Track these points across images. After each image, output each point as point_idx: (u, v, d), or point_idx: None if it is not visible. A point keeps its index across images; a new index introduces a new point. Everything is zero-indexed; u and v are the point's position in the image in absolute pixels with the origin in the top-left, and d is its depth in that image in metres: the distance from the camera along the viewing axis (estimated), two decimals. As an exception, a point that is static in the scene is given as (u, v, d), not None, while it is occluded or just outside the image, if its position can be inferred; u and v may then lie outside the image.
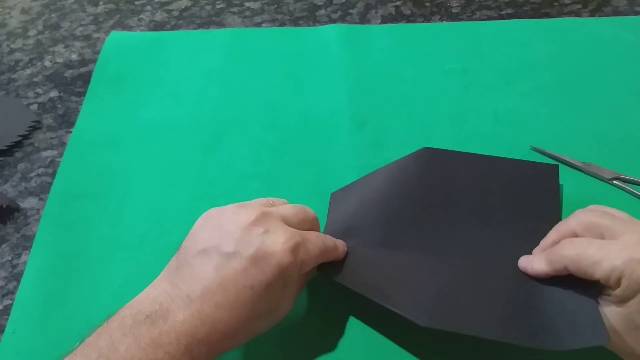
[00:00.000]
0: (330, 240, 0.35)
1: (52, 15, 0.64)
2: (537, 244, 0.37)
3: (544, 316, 0.32)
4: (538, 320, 0.32)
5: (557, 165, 0.42)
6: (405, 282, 0.35)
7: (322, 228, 0.41)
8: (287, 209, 0.34)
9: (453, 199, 0.40)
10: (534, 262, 0.34)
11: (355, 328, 0.37)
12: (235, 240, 0.30)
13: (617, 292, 0.29)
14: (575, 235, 0.33)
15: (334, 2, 0.63)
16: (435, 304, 0.33)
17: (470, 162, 0.42)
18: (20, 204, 0.46)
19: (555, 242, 0.33)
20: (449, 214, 0.40)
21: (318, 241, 0.33)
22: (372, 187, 0.42)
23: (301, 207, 0.36)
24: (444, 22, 0.59)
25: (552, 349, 0.30)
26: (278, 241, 0.30)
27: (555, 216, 0.39)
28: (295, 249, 0.31)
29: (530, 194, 0.41)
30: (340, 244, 0.36)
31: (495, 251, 0.37)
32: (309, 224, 0.35)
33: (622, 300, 0.29)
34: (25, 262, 0.42)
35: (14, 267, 0.42)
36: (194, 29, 0.61)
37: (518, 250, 0.36)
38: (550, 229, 0.36)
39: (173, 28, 0.61)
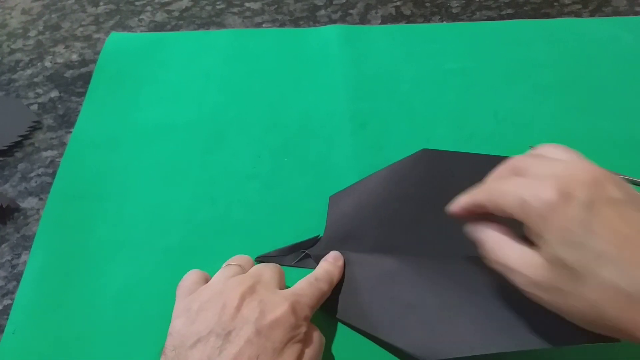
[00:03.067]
0: (322, 278, 0.35)
1: (53, 15, 0.64)
2: None
3: (544, 316, 0.32)
4: (541, 321, 0.32)
5: None
6: (406, 310, 0.34)
7: (322, 231, 0.41)
8: (263, 272, 0.34)
9: (451, 199, 0.40)
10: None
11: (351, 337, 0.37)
12: (233, 318, 0.29)
13: (528, 224, 0.27)
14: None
15: (334, 2, 0.63)
16: (440, 333, 0.33)
17: (470, 162, 0.42)
18: (20, 204, 0.46)
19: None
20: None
21: (312, 290, 0.33)
22: (371, 190, 0.42)
23: (271, 266, 0.35)
24: (444, 22, 0.59)
25: (556, 346, 0.30)
26: (276, 308, 0.30)
27: None
28: (294, 309, 0.31)
29: None
30: (336, 269, 0.37)
31: None
32: (283, 280, 0.35)
33: (537, 235, 0.26)
34: (25, 262, 0.42)
35: (13, 267, 0.42)
36: (195, 29, 0.61)
37: None
38: None
39: (173, 29, 0.61)
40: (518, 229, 0.29)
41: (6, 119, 0.52)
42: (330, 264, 0.37)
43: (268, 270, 0.34)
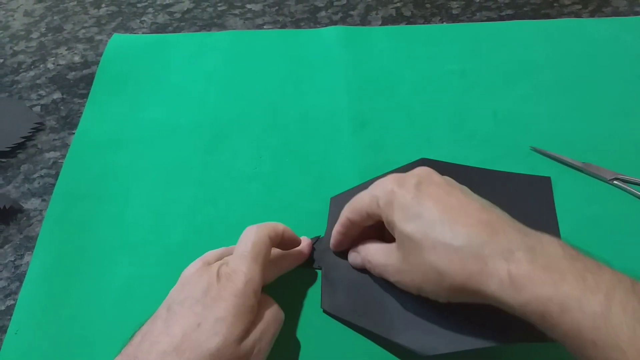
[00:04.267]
0: (256, 235, 0.35)
1: (55, 17, 0.64)
2: None
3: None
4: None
5: (549, 178, 0.42)
6: (401, 306, 0.35)
7: (322, 232, 0.41)
8: (216, 252, 0.36)
9: None
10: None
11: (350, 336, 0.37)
12: (184, 293, 0.32)
13: (381, 214, 0.32)
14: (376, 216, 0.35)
15: (334, 3, 0.63)
16: (435, 327, 0.33)
17: (466, 174, 0.42)
18: (23, 205, 0.46)
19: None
20: None
21: (244, 260, 0.33)
22: None
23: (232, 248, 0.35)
24: (444, 23, 0.59)
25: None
26: (219, 282, 0.31)
27: (552, 227, 0.40)
28: (233, 280, 0.31)
29: (526, 206, 0.41)
30: (280, 226, 0.37)
31: None
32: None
33: (390, 222, 0.32)
34: (27, 263, 0.42)
35: (16, 267, 0.42)
36: (196, 31, 0.61)
37: None
38: None
39: (175, 30, 0.62)
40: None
41: (9, 120, 0.52)
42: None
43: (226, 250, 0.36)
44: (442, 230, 0.29)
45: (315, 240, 0.40)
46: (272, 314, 0.33)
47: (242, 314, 0.30)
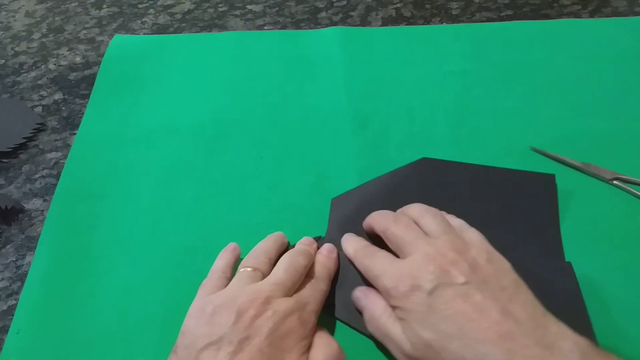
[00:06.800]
0: (321, 276, 0.36)
1: (56, 18, 0.65)
2: (534, 254, 0.37)
3: None
4: None
5: (554, 175, 0.42)
6: None
7: (323, 231, 0.41)
8: (284, 280, 0.34)
9: (451, 207, 0.40)
10: (346, 244, 0.38)
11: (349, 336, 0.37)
12: (247, 327, 0.30)
13: (392, 302, 0.32)
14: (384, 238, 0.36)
15: (334, 4, 0.63)
16: None
17: (468, 172, 0.43)
18: (25, 205, 0.46)
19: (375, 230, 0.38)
20: None
21: (315, 293, 0.34)
22: (372, 194, 0.42)
23: (292, 264, 0.35)
24: (444, 23, 0.60)
25: None
26: (287, 319, 0.31)
27: (553, 226, 0.40)
28: (302, 319, 0.32)
29: (528, 203, 0.41)
30: (332, 262, 0.38)
31: None
32: (301, 273, 0.35)
33: (401, 309, 0.31)
34: (29, 263, 0.42)
35: (18, 267, 0.42)
36: (197, 32, 0.61)
37: (514, 259, 0.36)
38: (548, 238, 0.36)
39: (176, 31, 0.62)
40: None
41: (11, 121, 0.53)
42: (325, 257, 0.38)
43: (289, 276, 0.34)
44: (460, 346, 0.28)
45: (317, 240, 0.41)
46: (331, 356, 0.32)
47: (304, 354, 0.31)
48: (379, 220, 0.37)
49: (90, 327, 0.38)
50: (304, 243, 0.39)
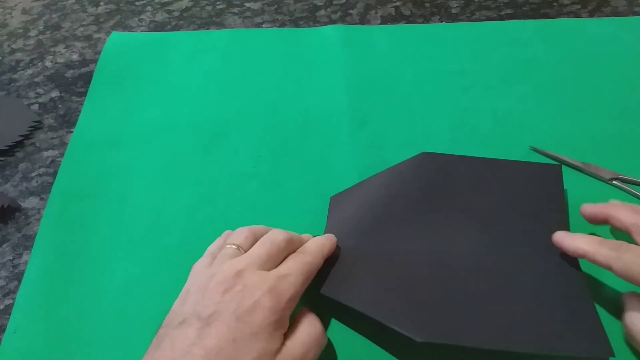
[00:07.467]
0: (310, 251, 0.35)
1: (53, 15, 0.64)
2: (542, 244, 0.36)
3: (543, 320, 0.32)
4: (537, 324, 0.32)
5: (560, 165, 0.42)
6: (401, 293, 0.34)
7: (322, 231, 0.41)
8: (259, 253, 0.33)
9: (453, 202, 0.39)
10: (578, 241, 0.35)
11: (347, 338, 0.36)
12: (216, 303, 0.30)
13: None
14: (626, 230, 0.35)
15: (334, 2, 0.63)
16: (432, 317, 0.32)
17: (471, 165, 0.42)
18: (21, 204, 0.46)
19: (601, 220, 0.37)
20: (449, 216, 0.39)
21: (298, 265, 0.33)
22: (371, 191, 0.42)
23: (269, 238, 0.35)
24: (444, 22, 0.59)
25: (552, 354, 0.30)
26: (256, 292, 0.30)
27: (561, 217, 0.39)
28: (275, 292, 0.31)
29: (534, 196, 0.40)
30: (327, 241, 0.36)
31: (497, 252, 0.37)
32: (285, 250, 0.35)
33: None
34: (26, 262, 0.42)
35: (14, 266, 0.42)
36: (195, 29, 0.61)
37: (520, 252, 0.36)
38: (555, 229, 0.36)
39: (174, 28, 0.61)
40: None
41: (7, 118, 0.52)
42: (322, 237, 0.37)
43: (264, 249, 0.34)
44: None
45: None
46: (314, 335, 0.32)
47: (278, 330, 0.30)
48: (626, 213, 0.36)
49: (87, 326, 0.38)
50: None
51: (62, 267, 0.41)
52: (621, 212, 0.36)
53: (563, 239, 0.36)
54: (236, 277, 0.31)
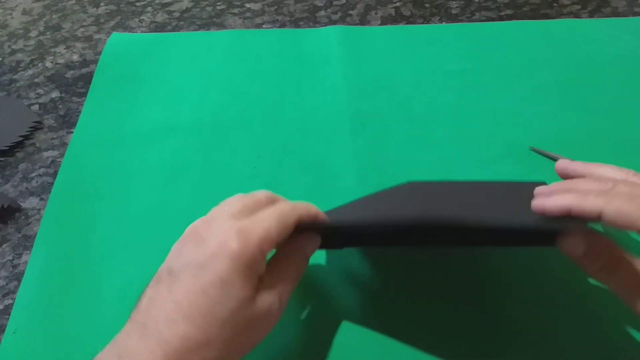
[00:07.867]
0: (292, 204, 0.33)
1: (54, 16, 0.64)
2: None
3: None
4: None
5: (545, 183, 0.41)
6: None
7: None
8: (233, 203, 0.32)
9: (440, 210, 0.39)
10: (558, 198, 0.32)
11: (347, 332, 0.37)
12: (184, 255, 0.29)
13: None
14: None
15: (334, 3, 0.63)
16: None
17: (457, 191, 0.40)
18: (22, 204, 0.46)
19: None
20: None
21: (271, 211, 0.31)
22: (360, 205, 0.41)
23: (251, 193, 0.34)
24: (444, 23, 0.59)
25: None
26: (218, 238, 0.29)
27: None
28: (240, 235, 0.29)
29: (522, 205, 0.40)
30: (311, 206, 0.35)
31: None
32: (265, 205, 0.33)
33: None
34: (26, 262, 0.42)
35: (14, 267, 0.42)
36: (195, 30, 0.61)
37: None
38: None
39: (174, 29, 0.61)
40: None
41: (7, 119, 0.52)
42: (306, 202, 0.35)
43: (240, 202, 0.33)
44: None
45: None
46: (292, 270, 0.32)
47: (250, 276, 0.29)
48: (608, 169, 0.36)
49: (87, 326, 0.38)
50: None
51: (62, 267, 0.41)
52: (603, 169, 0.35)
53: (543, 203, 0.33)
54: (205, 225, 0.30)
